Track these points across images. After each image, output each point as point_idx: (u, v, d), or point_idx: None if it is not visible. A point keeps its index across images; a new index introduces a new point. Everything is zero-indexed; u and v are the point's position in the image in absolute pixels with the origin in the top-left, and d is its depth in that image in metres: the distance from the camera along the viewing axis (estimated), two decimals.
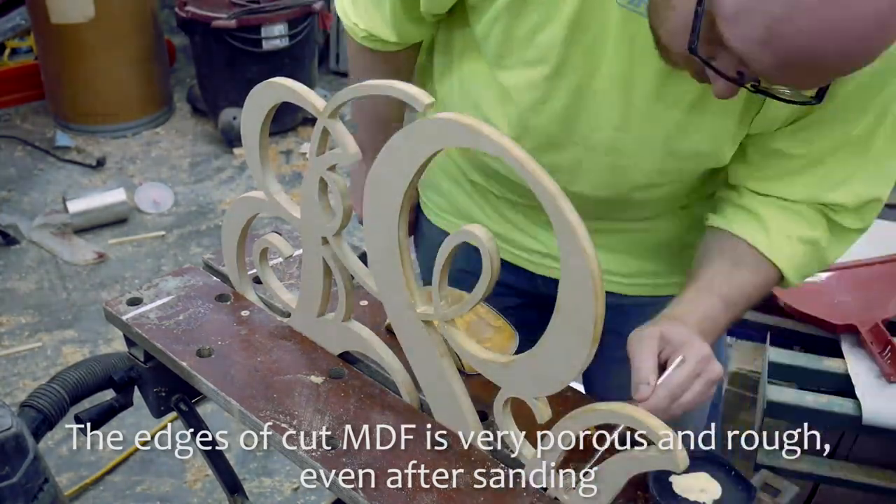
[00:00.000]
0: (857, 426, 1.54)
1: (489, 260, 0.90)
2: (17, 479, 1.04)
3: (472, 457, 1.03)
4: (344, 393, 1.13)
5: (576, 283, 0.83)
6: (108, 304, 1.29)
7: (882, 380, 1.57)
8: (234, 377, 1.16)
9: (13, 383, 2.56)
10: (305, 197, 1.09)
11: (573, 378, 0.90)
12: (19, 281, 3.03)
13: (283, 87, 1.06)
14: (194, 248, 3.23)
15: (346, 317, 1.15)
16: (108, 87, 3.88)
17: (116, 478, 2.28)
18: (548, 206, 0.82)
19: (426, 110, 0.90)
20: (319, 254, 1.12)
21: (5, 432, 1.03)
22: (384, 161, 0.96)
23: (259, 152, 1.14)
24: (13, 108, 4.15)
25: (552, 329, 0.88)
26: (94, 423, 1.32)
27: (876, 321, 1.64)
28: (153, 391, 1.31)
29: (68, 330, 2.80)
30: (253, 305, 1.30)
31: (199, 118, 4.11)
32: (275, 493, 2.20)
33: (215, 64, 3.77)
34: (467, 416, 1.04)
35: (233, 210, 1.24)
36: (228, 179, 3.68)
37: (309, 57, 3.99)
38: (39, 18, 3.75)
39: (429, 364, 1.04)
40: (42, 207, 3.43)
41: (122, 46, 3.82)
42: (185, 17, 3.69)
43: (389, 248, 1.00)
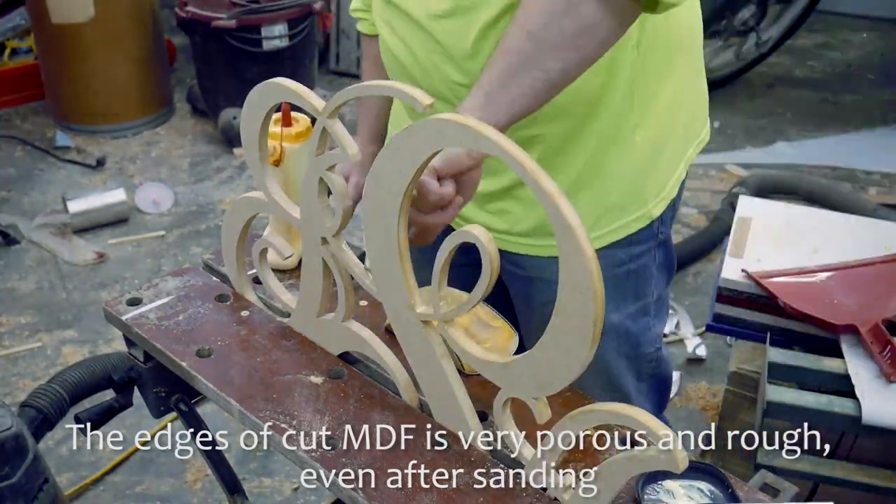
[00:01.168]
0: (856, 426, 1.54)
1: (489, 260, 0.90)
2: (17, 479, 1.04)
3: (471, 457, 1.03)
4: (344, 393, 1.13)
5: (575, 283, 0.83)
6: (107, 305, 1.29)
7: (882, 380, 1.57)
8: (234, 377, 1.16)
9: (13, 383, 2.56)
10: (305, 197, 1.09)
11: (573, 378, 0.90)
12: (19, 281, 3.03)
13: (283, 87, 1.06)
14: (194, 248, 3.22)
15: (346, 317, 1.15)
16: (108, 87, 3.87)
17: (116, 478, 2.27)
18: (547, 205, 0.82)
19: (426, 110, 0.90)
20: (319, 254, 1.12)
21: (5, 432, 1.03)
22: (384, 161, 0.96)
23: (259, 152, 1.14)
24: (13, 108, 4.14)
25: (552, 329, 0.88)
26: (94, 423, 1.32)
27: (876, 321, 1.65)
28: (153, 391, 1.31)
29: (68, 330, 2.80)
30: (253, 305, 1.30)
31: (199, 118, 4.11)
32: (275, 493, 2.20)
33: (215, 64, 3.77)
34: (467, 416, 1.04)
35: (232, 210, 1.24)
36: (228, 179, 3.68)
37: (309, 57, 3.99)
38: (39, 18, 3.75)
39: (428, 364, 1.04)
40: (42, 207, 3.43)
41: (122, 46, 3.82)
42: (185, 17, 3.69)
43: (389, 248, 1.00)
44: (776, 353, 1.66)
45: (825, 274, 1.80)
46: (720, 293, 1.81)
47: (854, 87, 4.30)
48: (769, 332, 1.76)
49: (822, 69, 4.51)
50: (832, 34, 4.84)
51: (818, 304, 1.72)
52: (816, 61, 4.58)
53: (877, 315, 1.67)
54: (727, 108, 4.13)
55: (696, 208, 3.38)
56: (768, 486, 1.00)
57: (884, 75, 4.40)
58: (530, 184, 0.82)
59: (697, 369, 2.61)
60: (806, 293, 1.75)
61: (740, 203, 2.04)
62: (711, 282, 2.81)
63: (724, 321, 1.84)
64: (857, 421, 1.53)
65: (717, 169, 3.65)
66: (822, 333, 1.71)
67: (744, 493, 0.98)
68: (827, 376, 1.62)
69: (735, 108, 4.13)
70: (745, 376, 1.80)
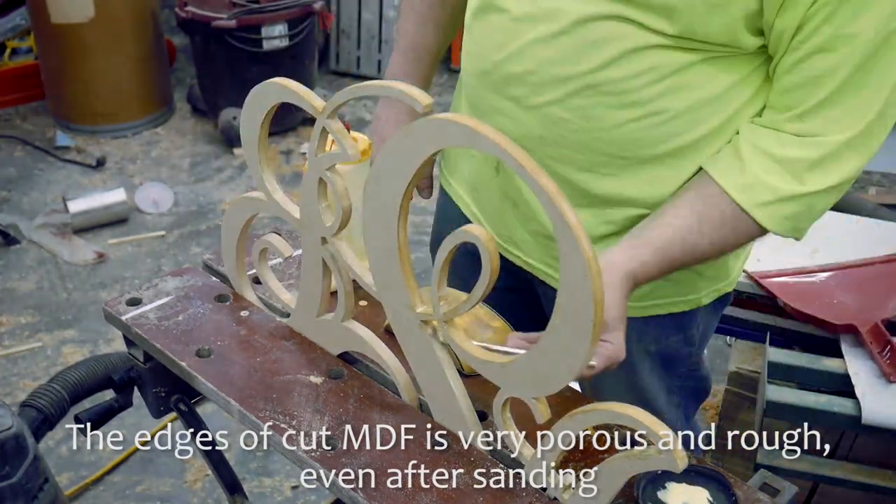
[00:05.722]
0: (856, 426, 1.54)
1: (489, 260, 0.90)
2: (17, 478, 1.04)
3: (471, 457, 1.03)
4: (343, 393, 1.13)
5: (575, 283, 0.83)
6: (107, 305, 1.29)
7: (882, 380, 1.57)
8: (234, 377, 1.16)
9: (13, 383, 2.56)
10: (305, 197, 1.09)
11: (572, 378, 0.90)
12: (19, 281, 3.03)
13: (282, 87, 1.06)
14: (194, 248, 3.23)
15: (346, 317, 1.15)
16: (108, 87, 3.88)
17: (116, 478, 2.28)
18: (546, 205, 0.82)
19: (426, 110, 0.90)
20: (319, 254, 1.12)
21: (5, 432, 1.03)
22: (384, 161, 0.96)
23: (259, 152, 1.14)
24: (13, 108, 4.15)
25: (552, 329, 0.88)
26: (94, 423, 1.32)
27: (876, 321, 1.64)
28: (153, 391, 1.31)
29: (68, 330, 2.80)
30: (252, 306, 1.30)
31: (199, 118, 4.11)
32: (275, 493, 2.20)
33: (215, 64, 3.77)
34: (467, 416, 1.04)
35: (232, 210, 1.24)
36: (228, 179, 3.68)
37: (309, 57, 3.99)
38: (39, 18, 3.75)
39: (428, 364, 1.04)
40: (42, 207, 3.44)
41: (122, 46, 3.82)
42: (185, 17, 3.69)
43: (389, 248, 1.00)
44: (776, 352, 1.66)
45: (825, 274, 1.80)
46: None
47: None
48: (769, 332, 1.76)
49: None
50: None
51: (818, 304, 1.72)
52: None
53: (877, 315, 1.67)
54: None
55: None
56: (768, 486, 1.00)
57: None
58: (530, 183, 0.82)
59: None
60: (806, 293, 1.75)
61: None
62: None
63: (724, 321, 1.83)
64: (857, 421, 1.53)
65: None
66: (822, 333, 1.71)
67: (744, 493, 0.98)
68: (827, 376, 1.62)
69: None
70: (745, 376, 1.80)
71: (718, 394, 2.44)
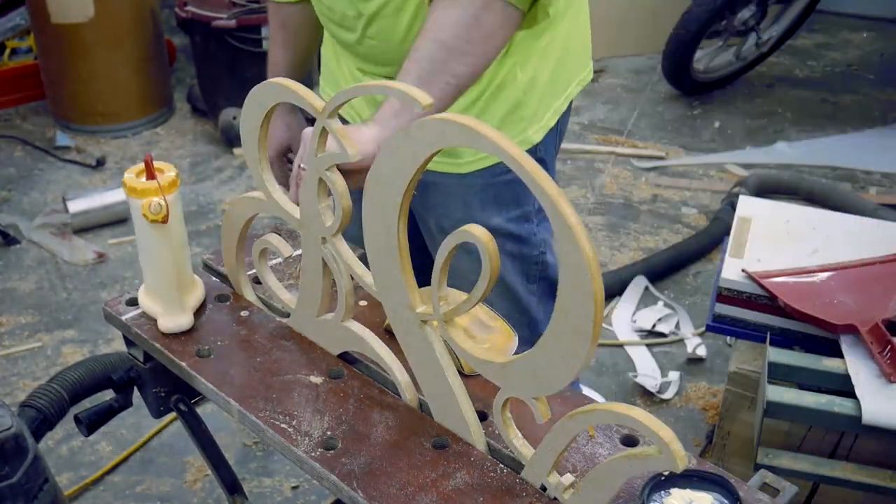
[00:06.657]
0: (857, 426, 1.54)
1: (489, 260, 0.90)
2: (17, 479, 1.04)
3: (471, 457, 1.03)
4: (343, 393, 1.13)
5: (575, 282, 0.83)
6: (107, 305, 1.30)
7: (882, 380, 1.57)
8: (234, 377, 1.16)
9: (13, 383, 2.56)
10: (305, 197, 1.09)
11: (572, 378, 0.90)
12: (19, 281, 3.03)
13: (282, 87, 1.06)
14: (194, 248, 3.22)
15: (346, 317, 1.15)
16: (108, 86, 3.87)
17: (116, 478, 2.28)
18: (546, 205, 0.82)
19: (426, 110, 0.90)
20: (319, 254, 1.12)
21: (5, 432, 1.03)
22: (384, 161, 0.96)
23: (259, 152, 1.14)
24: (13, 108, 4.14)
25: (551, 329, 0.88)
26: (93, 423, 1.32)
27: (876, 321, 1.64)
28: (152, 391, 1.31)
29: (68, 330, 2.80)
30: (252, 306, 1.30)
31: (199, 118, 4.11)
32: (275, 493, 2.20)
33: (215, 64, 3.77)
34: (467, 416, 1.04)
35: (232, 210, 1.24)
36: (228, 179, 3.68)
37: None
38: (39, 18, 3.75)
39: (428, 364, 1.04)
40: (42, 207, 3.43)
41: (122, 46, 3.82)
42: (185, 17, 3.69)
43: (389, 248, 1.00)
44: (776, 353, 1.66)
45: (825, 274, 1.80)
46: (720, 293, 1.81)
47: (854, 87, 4.30)
48: (769, 332, 1.76)
49: (822, 69, 4.51)
50: (832, 34, 4.84)
51: (818, 304, 1.72)
52: (816, 61, 4.58)
53: (877, 315, 1.67)
54: (727, 108, 4.13)
55: (696, 208, 3.38)
56: (768, 486, 1.00)
57: (883, 75, 4.39)
58: (529, 183, 0.82)
59: (697, 369, 2.61)
60: (806, 293, 1.75)
61: (740, 203, 2.04)
62: (711, 282, 2.81)
63: (724, 321, 1.84)
64: (857, 421, 1.53)
65: (717, 169, 3.65)
66: (822, 333, 1.71)
67: (744, 493, 0.98)
68: (827, 376, 1.62)
69: (735, 108, 4.13)
70: (745, 376, 1.80)
71: (718, 394, 2.45)
